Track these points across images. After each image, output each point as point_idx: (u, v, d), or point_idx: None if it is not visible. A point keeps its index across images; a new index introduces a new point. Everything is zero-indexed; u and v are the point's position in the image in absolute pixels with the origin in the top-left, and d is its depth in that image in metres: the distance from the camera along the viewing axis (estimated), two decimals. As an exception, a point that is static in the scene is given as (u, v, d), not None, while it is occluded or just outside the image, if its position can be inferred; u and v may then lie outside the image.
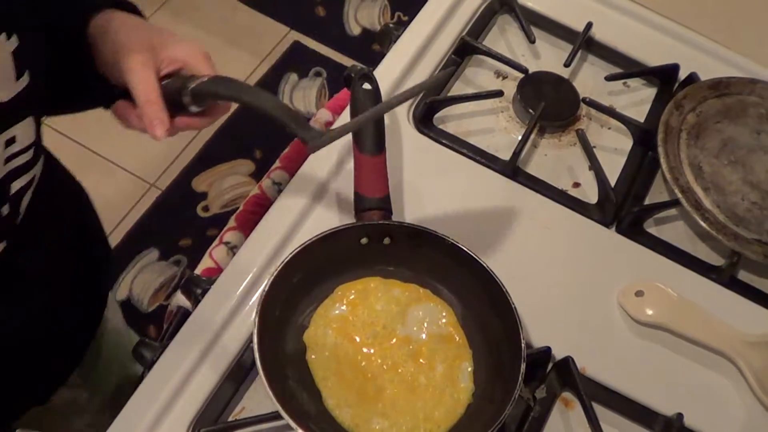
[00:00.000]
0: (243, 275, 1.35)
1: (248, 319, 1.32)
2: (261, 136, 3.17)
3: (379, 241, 1.33)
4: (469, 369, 1.28)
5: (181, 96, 1.14)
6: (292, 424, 1.13)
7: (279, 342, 1.27)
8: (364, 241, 1.33)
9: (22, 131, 1.07)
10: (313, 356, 1.27)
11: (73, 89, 1.26)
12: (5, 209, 1.10)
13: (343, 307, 1.31)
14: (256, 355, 1.17)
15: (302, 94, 3.36)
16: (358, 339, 1.28)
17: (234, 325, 1.32)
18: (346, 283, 1.33)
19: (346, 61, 3.45)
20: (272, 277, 1.24)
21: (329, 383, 1.25)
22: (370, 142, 1.33)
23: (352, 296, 1.32)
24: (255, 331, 1.19)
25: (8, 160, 1.07)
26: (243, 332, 1.31)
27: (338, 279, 1.33)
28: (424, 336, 1.29)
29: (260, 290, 1.25)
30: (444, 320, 1.31)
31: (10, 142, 1.06)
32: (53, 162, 1.34)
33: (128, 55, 1.13)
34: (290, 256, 1.26)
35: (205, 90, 1.12)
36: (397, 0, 3.65)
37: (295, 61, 3.43)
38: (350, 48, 3.48)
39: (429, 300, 1.33)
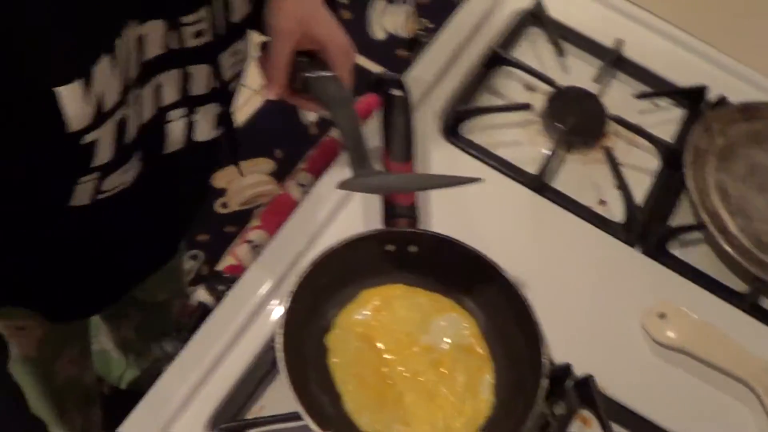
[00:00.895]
0: (267, 275, 1.36)
1: (270, 319, 1.32)
2: (283, 136, 3.17)
3: (404, 249, 1.33)
4: (491, 381, 1.27)
5: (295, 78, 1.25)
6: (313, 426, 1.13)
7: (302, 344, 1.27)
8: (390, 247, 1.33)
9: (243, 45, 1.23)
10: (334, 359, 1.27)
11: None
12: (226, 106, 1.29)
13: (367, 313, 1.31)
14: (280, 356, 1.17)
15: (324, 96, 3.35)
16: (380, 345, 1.28)
17: (256, 324, 1.32)
18: (371, 289, 1.33)
19: (370, 65, 3.44)
20: (299, 280, 1.24)
21: (350, 387, 1.24)
22: (400, 149, 1.33)
23: (376, 302, 1.32)
24: (280, 332, 1.19)
25: (233, 66, 1.23)
26: (265, 331, 1.31)
27: (363, 284, 1.33)
28: (446, 346, 1.29)
29: (285, 291, 1.25)
30: (467, 331, 1.31)
31: (236, 53, 1.22)
32: None
33: (278, 17, 1.25)
34: (317, 259, 1.26)
35: (310, 84, 1.24)
36: (422, 6, 3.64)
37: (319, 63, 3.42)
38: (374, 52, 3.47)
39: (452, 310, 1.33)
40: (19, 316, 1.53)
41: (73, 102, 0.97)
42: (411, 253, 1.33)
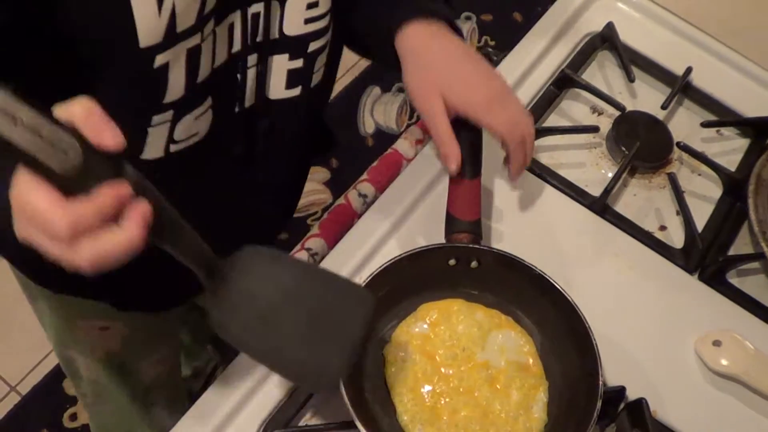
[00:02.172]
0: (327, 283, 1.36)
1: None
2: (339, 146, 3.18)
3: (466, 264, 1.34)
4: (544, 400, 1.28)
5: None
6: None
7: (360, 358, 1.28)
8: (452, 262, 1.33)
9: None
10: (391, 370, 1.28)
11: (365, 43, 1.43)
12: (299, 62, 1.23)
13: (425, 326, 1.31)
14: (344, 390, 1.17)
15: (383, 109, 3.36)
16: (436, 358, 1.28)
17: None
18: (430, 302, 1.34)
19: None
20: None
21: (404, 399, 1.25)
22: (469, 165, 1.33)
23: (435, 316, 1.32)
24: None
25: (307, 21, 1.18)
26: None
27: (423, 297, 1.34)
28: (502, 363, 1.29)
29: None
30: (524, 349, 1.31)
31: (312, 5, 1.17)
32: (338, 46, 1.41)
33: (423, 100, 1.30)
34: (378, 270, 1.26)
35: None
36: (485, 24, 3.65)
37: (380, 74, 3.43)
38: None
39: (510, 327, 1.33)
40: (102, 316, 1.54)
41: (142, 7, 0.97)
42: (472, 269, 1.34)
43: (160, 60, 1.03)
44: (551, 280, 1.29)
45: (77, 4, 0.96)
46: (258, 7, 1.14)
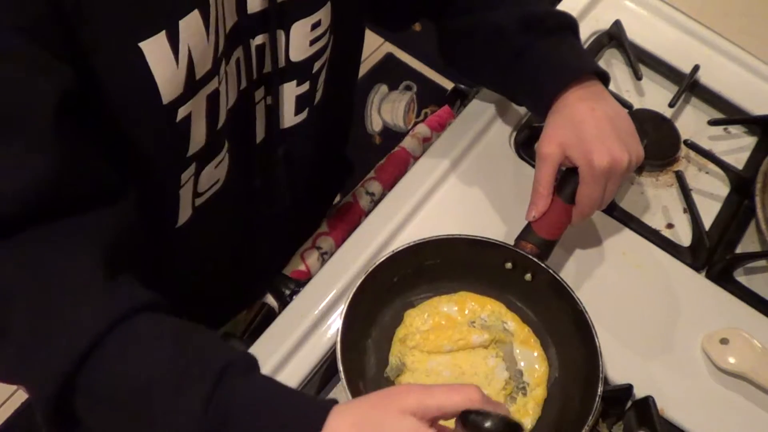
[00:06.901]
0: (333, 283, 1.37)
1: (336, 324, 1.33)
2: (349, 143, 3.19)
3: (521, 274, 1.33)
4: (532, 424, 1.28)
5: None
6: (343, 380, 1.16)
7: (379, 306, 1.32)
8: (508, 265, 1.34)
9: (324, 15, 1.17)
10: (402, 333, 1.29)
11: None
12: (306, 86, 1.23)
13: (455, 309, 1.32)
14: (343, 323, 1.20)
15: (391, 106, 3.36)
16: (447, 344, 1.28)
17: (322, 329, 1.34)
18: (472, 294, 1.35)
19: (437, 78, 3.45)
20: (408, 245, 1.30)
21: (395, 349, 1.28)
22: (570, 191, 1.32)
23: (470, 306, 1.33)
24: (355, 288, 1.23)
25: (312, 43, 1.18)
26: (330, 336, 1.33)
27: (466, 285, 1.35)
28: (505, 376, 1.29)
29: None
30: (536, 374, 1.31)
31: (316, 25, 1.16)
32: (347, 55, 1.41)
33: (545, 141, 1.32)
34: (435, 238, 1.32)
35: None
36: (492, 22, 3.65)
37: (387, 72, 3.44)
38: (442, 65, 3.48)
39: (534, 349, 1.32)
40: None
41: (160, 63, 0.96)
42: (525, 281, 1.34)
43: (182, 113, 1.03)
44: (589, 320, 1.26)
45: (100, 72, 0.94)
46: (262, 38, 1.13)
